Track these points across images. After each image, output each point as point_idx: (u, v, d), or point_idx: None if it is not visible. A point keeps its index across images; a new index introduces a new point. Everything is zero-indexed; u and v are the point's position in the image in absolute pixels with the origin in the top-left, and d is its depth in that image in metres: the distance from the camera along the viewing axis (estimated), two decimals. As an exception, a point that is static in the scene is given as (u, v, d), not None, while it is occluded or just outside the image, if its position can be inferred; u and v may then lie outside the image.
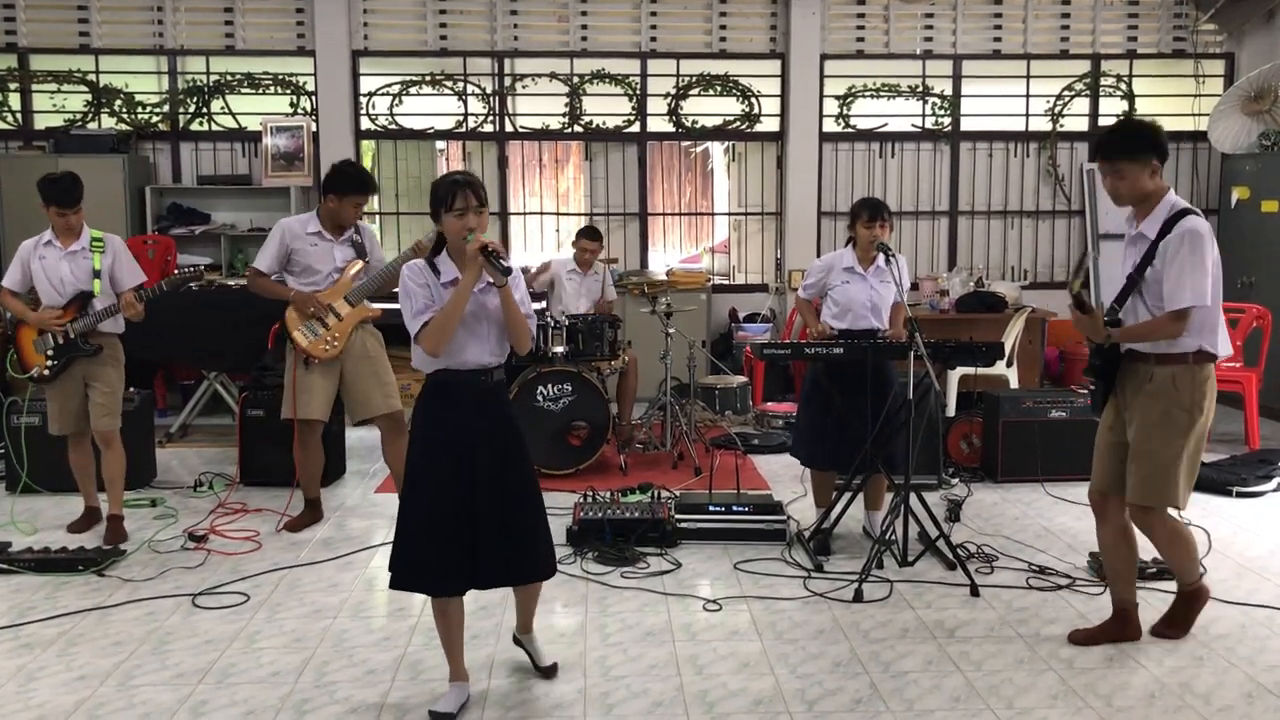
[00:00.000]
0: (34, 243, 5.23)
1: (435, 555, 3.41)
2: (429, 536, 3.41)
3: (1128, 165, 3.74)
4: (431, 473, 3.43)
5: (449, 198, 3.39)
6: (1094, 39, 9.48)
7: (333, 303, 5.36)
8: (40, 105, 9.09)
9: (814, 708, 3.50)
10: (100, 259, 5.18)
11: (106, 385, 5.24)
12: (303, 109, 9.15)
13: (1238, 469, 6.32)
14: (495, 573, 3.49)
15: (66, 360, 5.18)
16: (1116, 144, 3.80)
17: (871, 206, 5.11)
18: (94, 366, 5.22)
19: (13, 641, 4.04)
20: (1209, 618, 4.21)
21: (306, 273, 5.40)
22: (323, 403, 5.42)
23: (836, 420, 5.07)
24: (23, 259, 5.22)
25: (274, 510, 5.73)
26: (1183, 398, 3.75)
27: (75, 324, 5.14)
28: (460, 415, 3.45)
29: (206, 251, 8.97)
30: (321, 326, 5.36)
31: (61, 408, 5.28)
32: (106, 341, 5.24)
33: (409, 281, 3.45)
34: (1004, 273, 9.63)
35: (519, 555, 3.49)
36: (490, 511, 3.42)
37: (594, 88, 9.29)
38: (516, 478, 3.50)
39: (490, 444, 3.46)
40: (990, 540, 5.20)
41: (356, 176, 5.40)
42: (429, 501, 3.42)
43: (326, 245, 5.39)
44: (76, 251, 5.17)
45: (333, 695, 3.60)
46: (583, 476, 6.33)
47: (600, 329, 6.69)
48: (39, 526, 5.46)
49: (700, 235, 11.59)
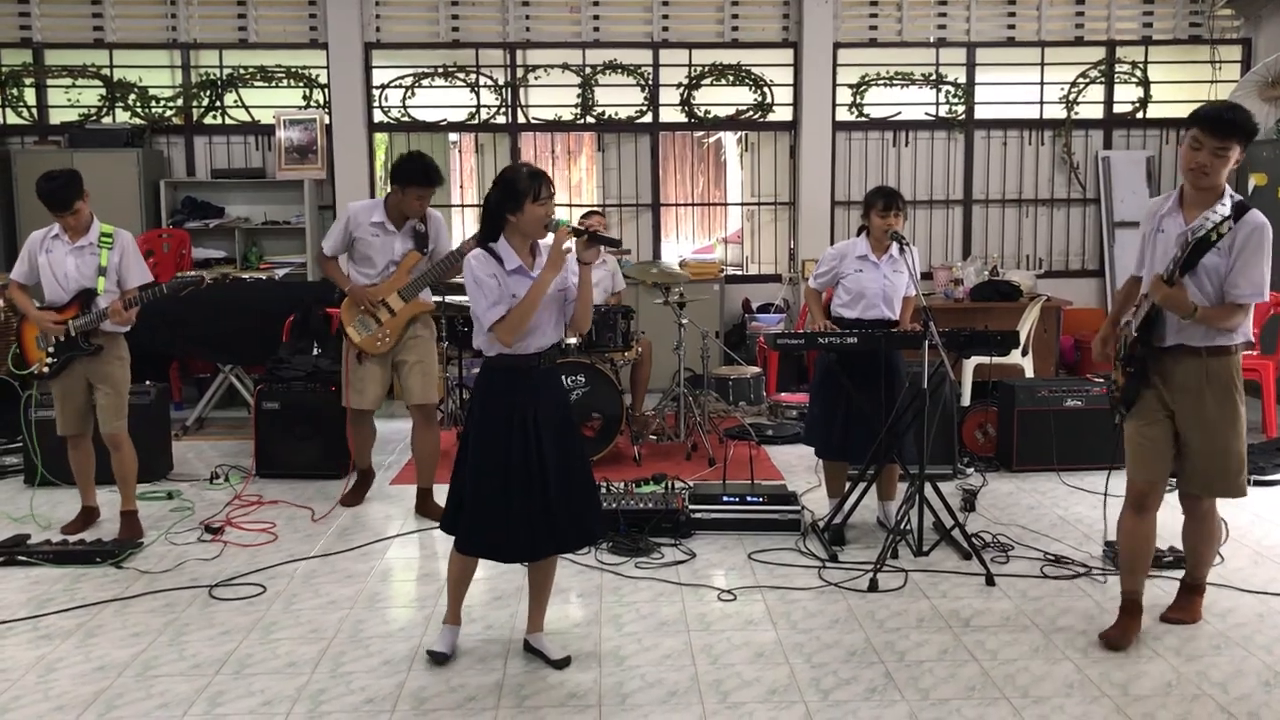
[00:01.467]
0: (43, 235, 5.09)
1: (506, 527, 3.59)
2: (500, 507, 3.58)
3: (1239, 148, 3.56)
4: (499, 450, 3.58)
5: (536, 188, 3.53)
6: (1109, 25, 9.42)
7: (386, 298, 5.36)
8: (55, 100, 9.14)
9: (829, 697, 3.50)
10: (108, 255, 5.02)
11: (111, 386, 5.08)
12: (315, 102, 9.17)
13: (1255, 457, 6.26)
14: (561, 539, 3.69)
15: (66, 359, 5.04)
16: (1237, 124, 3.55)
17: (886, 196, 5.09)
18: (97, 366, 5.05)
19: (32, 632, 4.08)
20: (1226, 606, 4.20)
21: (364, 262, 5.42)
22: (376, 393, 5.52)
23: (847, 410, 5.07)
24: (31, 251, 5.10)
25: (289, 502, 5.76)
26: (1239, 387, 3.75)
27: (76, 322, 4.98)
28: (522, 394, 3.61)
29: (221, 245, 9.01)
30: (375, 322, 5.39)
31: (64, 407, 5.15)
32: (109, 340, 5.06)
33: (478, 272, 3.55)
34: (1019, 261, 9.58)
35: (577, 521, 3.68)
36: (556, 482, 3.60)
37: (606, 78, 9.28)
38: (572, 450, 3.69)
39: (550, 420, 3.63)
40: (1005, 530, 5.19)
41: (419, 167, 5.23)
42: (500, 474, 3.57)
43: (388, 238, 5.36)
44: (83, 247, 5.02)
45: (349, 685, 3.62)
46: (597, 467, 6.25)
47: (613, 320, 6.68)
48: (55, 520, 5.48)
49: (713, 225, 11.60)
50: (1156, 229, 3.80)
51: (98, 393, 5.11)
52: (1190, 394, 3.73)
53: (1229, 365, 3.72)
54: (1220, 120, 3.56)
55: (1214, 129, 3.55)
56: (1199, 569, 4.05)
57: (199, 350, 7.80)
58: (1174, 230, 3.70)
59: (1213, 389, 3.71)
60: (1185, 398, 3.74)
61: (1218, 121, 3.56)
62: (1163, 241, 3.75)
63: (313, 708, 3.46)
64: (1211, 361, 3.70)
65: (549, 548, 3.71)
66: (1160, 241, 3.77)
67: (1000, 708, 3.42)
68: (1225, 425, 3.74)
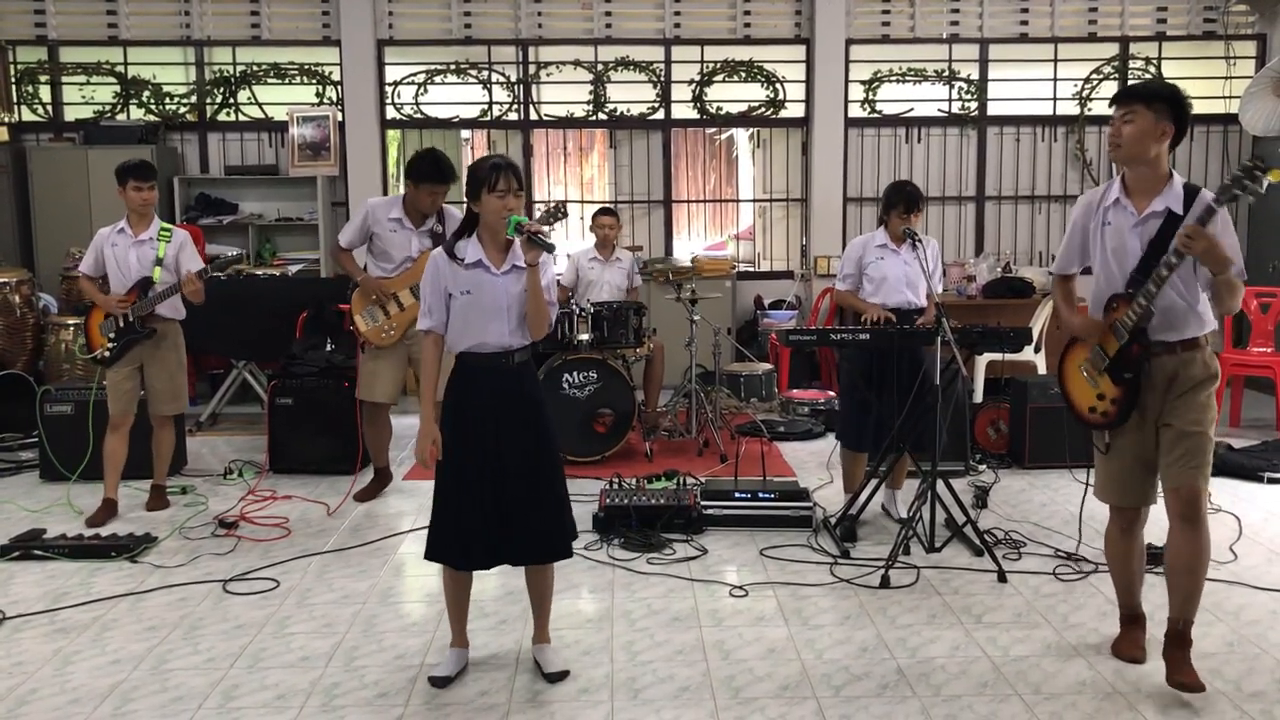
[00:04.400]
0: (110, 230, 5.46)
1: (461, 531, 3.50)
2: (456, 512, 3.50)
3: (1141, 110, 3.40)
4: (457, 451, 3.50)
5: (492, 178, 3.44)
6: (1122, 21, 9.38)
7: (397, 291, 5.43)
8: (70, 97, 9.18)
9: (840, 692, 3.51)
10: (165, 248, 5.39)
11: (164, 370, 5.46)
12: (328, 99, 9.20)
13: (1269, 455, 6.26)
14: (515, 550, 3.56)
15: (125, 343, 5.36)
16: (1135, 88, 3.48)
17: (908, 199, 5.10)
18: (151, 350, 5.41)
19: (48, 626, 4.10)
20: (1239, 604, 4.19)
21: (382, 257, 5.50)
22: (388, 387, 5.56)
23: (879, 410, 5.08)
24: (98, 246, 5.46)
25: (303, 497, 5.79)
26: (1213, 377, 3.52)
27: (134, 307, 5.33)
28: (482, 396, 3.51)
29: (234, 241, 9.04)
30: (382, 314, 5.46)
31: (117, 388, 5.43)
32: (163, 326, 5.41)
33: (426, 275, 3.54)
34: (1031, 258, 9.56)
35: (535, 534, 3.54)
36: (512, 490, 3.49)
37: (618, 75, 9.28)
38: (537, 458, 3.53)
39: (512, 424, 3.50)
40: (1018, 526, 5.18)
41: (431, 164, 5.27)
42: (455, 479, 3.50)
43: (405, 234, 5.43)
44: (145, 241, 5.39)
45: (362, 680, 3.63)
46: (608, 463, 6.35)
47: (625, 316, 6.69)
48: (72, 514, 5.51)
49: (725, 222, 11.58)
50: (1103, 222, 3.57)
51: (150, 377, 5.45)
52: (1166, 393, 3.48)
53: (1203, 358, 3.50)
54: (1120, 92, 3.53)
55: (1115, 100, 3.51)
56: (1188, 606, 3.49)
57: (213, 346, 7.83)
58: (1125, 222, 3.50)
59: (1194, 382, 3.46)
60: (1164, 399, 3.49)
61: (1118, 94, 3.52)
62: (1112, 234, 3.53)
63: (326, 701, 3.48)
64: (1187, 355, 3.47)
65: (503, 557, 3.56)
66: (1109, 235, 3.54)
67: (1012, 704, 3.42)
68: (1204, 413, 3.45)
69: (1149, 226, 3.48)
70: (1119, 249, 3.53)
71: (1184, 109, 3.45)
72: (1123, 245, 3.52)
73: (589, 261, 7.39)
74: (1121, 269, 3.53)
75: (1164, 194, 3.47)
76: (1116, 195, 3.55)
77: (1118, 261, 3.54)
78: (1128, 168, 3.53)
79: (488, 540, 3.50)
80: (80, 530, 5.16)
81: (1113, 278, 3.56)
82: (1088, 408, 3.66)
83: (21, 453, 6.62)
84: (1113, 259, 3.55)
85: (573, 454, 6.29)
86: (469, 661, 3.72)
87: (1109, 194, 3.58)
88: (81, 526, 5.25)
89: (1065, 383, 3.78)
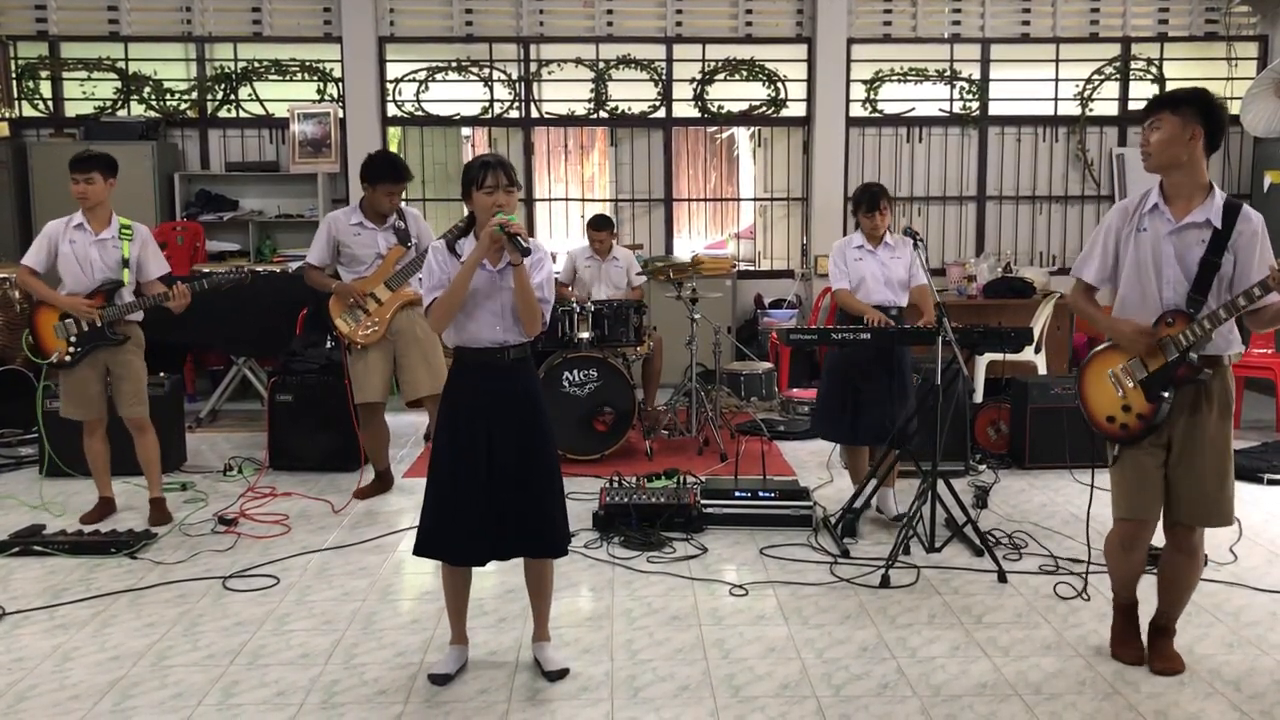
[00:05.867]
0: (63, 224, 5.13)
1: (452, 526, 3.50)
2: (448, 507, 3.50)
3: (1166, 116, 3.39)
4: (451, 445, 3.51)
5: (480, 175, 3.47)
6: (1124, 22, 9.38)
7: (373, 289, 5.51)
8: (71, 93, 9.17)
9: (840, 692, 3.51)
10: (129, 247, 5.16)
11: (133, 373, 5.23)
12: (330, 96, 9.19)
13: (1269, 456, 6.27)
14: (508, 546, 3.56)
15: (91, 348, 5.13)
16: (1159, 96, 3.47)
17: (870, 198, 5.21)
18: (118, 355, 5.19)
19: (48, 622, 4.10)
20: (1239, 605, 4.19)
21: (353, 262, 5.58)
22: (378, 386, 5.59)
23: (855, 398, 5.15)
24: (50, 239, 5.11)
25: (302, 494, 5.79)
26: (1231, 400, 3.51)
27: (105, 312, 5.10)
28: (477, 391, 3.52)
29: (234, 238, 9.05)
30: (363, 313, 5.52)
31: (80, 393, 5.20)
32: (131, 330, 5.23)
33: (430, 259, 3.54)
34: (1032, 258, 9.56)
35: (528, 531, 3.55)
36: (504, 485, 3.49)
37: (619, 73, 9.28)
38: (531, 455, 3.53)
39: (506, 420, 3.50)
40: (1018, 527, 5.18)
41: (386, 164, 5.49)
42: (448, 473, 3.50)
43: (370, 233, 5.54)
44: (106, 239, 5.13)
45: (362, 677, 3.63)
46: (608, 462, 6.35)
47: (625, 314, 6.69)
48: (69, 510, 5.51)
49: (726, 221, 11.58)
50: (1137, 228, 3.50)
51: (119, 381, 5.23)
52: (1189, 412, 3.45)
53: (1226, 377, 3.50)
54: (1147, 104, 3.51)
55: (1143, 112, 3.50)
56: (1175, 608, 3.67)
57: (213, 343, 7.83)
58: (1161, 228, 3.45)
59: (1211, 406, 3.45)
60: (1188, 418, 3.45)
61: (1147, 104, 3.51)
62: (1150, 240, 3.47)
63: (326, 698, 3.47)
64: (1213, 376, 3.44)
65: (497, 553, 3.57)
66: (1143, 241, 3.48)
67: (1012, 704, 3.42)
68: (1223, 444, 3.46)
69: (1186, 236, 3.43)
70: (1153, 256, 3.47)
71: (1213, 110, 3.41)
72: (1157, 252, 3.46)
73: (586, 260, 7.39)
74: (1157, 276, 3.47)
75: (1204, 205, 3.42)
76: (1155, 201, 3.50)
77: (1151, 268, 3.47)
78: (1164, 175, 3.49)
79: (482, 536, 3.51)
80: (80, 526, 5.16)
81: (1145, 285, 3.50)
82: (1106, 417, 3.59)
83: (21, 449, 6.62)
84: (1145, 265, 3.49)
85: (573, 452, 6.29)
86: (469, 659, 3.72)
87: (1147, 200, 3.52)
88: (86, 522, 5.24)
89: (1086, 386, 3.69)
